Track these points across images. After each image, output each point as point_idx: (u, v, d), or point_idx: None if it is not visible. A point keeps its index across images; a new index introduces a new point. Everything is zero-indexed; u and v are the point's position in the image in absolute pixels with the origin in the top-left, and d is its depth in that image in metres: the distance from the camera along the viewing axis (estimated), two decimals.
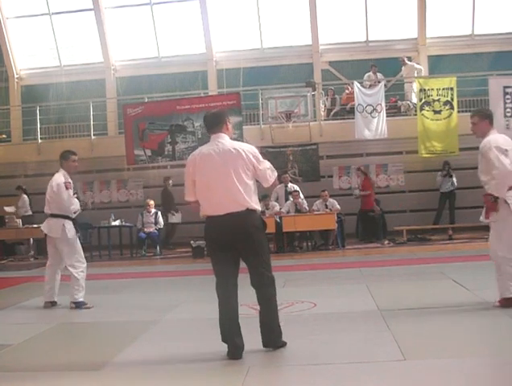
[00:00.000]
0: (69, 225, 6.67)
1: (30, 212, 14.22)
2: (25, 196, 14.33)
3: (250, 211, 4.19)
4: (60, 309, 6.75)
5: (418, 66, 15.61)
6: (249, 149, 4.25)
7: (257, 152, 4.27)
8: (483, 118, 5.52)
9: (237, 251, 4.22)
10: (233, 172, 4.14)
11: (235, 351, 4.15)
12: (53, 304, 6.80)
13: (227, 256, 4.22)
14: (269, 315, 4.26)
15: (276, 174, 4.37)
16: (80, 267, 6.58)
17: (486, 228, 5.95)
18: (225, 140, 4.28)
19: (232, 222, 4.12)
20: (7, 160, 15.75)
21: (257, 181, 4.34)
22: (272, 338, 4.28)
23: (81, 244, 7.02)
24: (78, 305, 6.55)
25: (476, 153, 5.71)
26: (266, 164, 4.30)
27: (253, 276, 4.26)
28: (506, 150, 5.27)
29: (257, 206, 4.25)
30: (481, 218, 5.53)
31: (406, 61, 15.51)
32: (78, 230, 6.84)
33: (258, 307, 4.32)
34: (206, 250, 12.05)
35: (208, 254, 4.56)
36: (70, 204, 6.62)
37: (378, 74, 15.56)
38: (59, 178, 6.70)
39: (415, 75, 15.29)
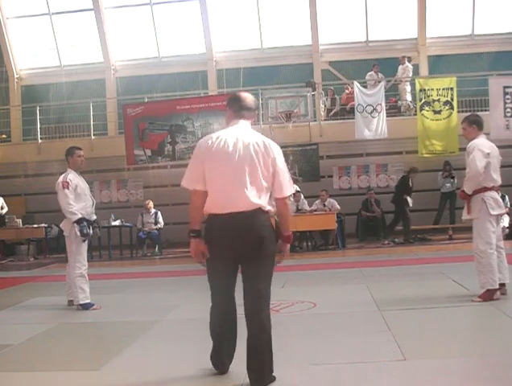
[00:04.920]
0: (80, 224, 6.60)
1: None
2: None
3: (263, 212, 3.55)
4: (60, 309, 6.74)
5: (410, 65, 15.59)
6: (276, 151, 3.65)
7: (282, 156, 3.69)
8: (470, 124, 6.04)
9: (238, 259, 3.57)
10: (253, 170, 3.53)
11: (226, 365, 3.82)
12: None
13: (228, 264, 3.60)
14: (261, 342, 3.53)
15: (293, 190, 3.81)
16: (79, 268, 6.54)
17: None
18: (251, 130, 3.72)
19: (242, 220, 3.48)
20: (7, 160, 15.76)
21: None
22: (262, 373, 3.53)
23: (89, 244, 6.99)
24: (85, 307, 6.52)
25: None
26: (287, 173, 3.72)
27: (250, 291, 3.57)
28: (488, 154, 5.81)
29: (270, 206, 3.64)
30: (463, 217, 6.11)
31: (406, 61, 15.51)
32: (88, 231, 6.61)
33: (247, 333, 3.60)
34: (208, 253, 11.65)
35: (208, 258, 3.65)
36: (65, 203, 6.51)
37: (380, 74, 15.57)
38: (60, 177, 6.68)
39: (410, 74, 15.32)
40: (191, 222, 3.62)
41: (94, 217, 6.91)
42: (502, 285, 5.89)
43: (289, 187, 3.65)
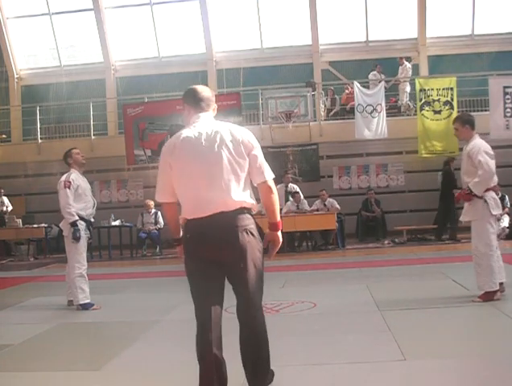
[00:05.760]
0: (80, 226, 6.59)
1: None
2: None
3: (245, 210, 3.20)
4: (60, 309, 6.75)
5: (409, 65, 15.60)
6: (246, 134, 3.25)
7: (255, 139, 3.28)
8: (463, 124, 5.93)
9: (222, 265, 3.20)
10: (225, 160, 3.14)
11: None
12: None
13: (212, 273, 3.19)
14: (255, 343, 3.29)
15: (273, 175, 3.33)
16: (79, 268, 6.56)
17: None
18: (213, 120, 3.35)
19: (221, 223, 3.12)
20: (7, 160, 15.76)
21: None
22: (261, 378, 3.33)
23: (89, 244, 7.01)
24: (85, 307, 6.52)
25: None
26: (263, 158, 3.28)
27: (239, 293, 3.26)
28: (492, 155, 5.78)
29: (252, 201, 3.25)
30: (462, 218, 6.05)
31: (405, 61, 15.52)
32: (80, 235, 6.55)
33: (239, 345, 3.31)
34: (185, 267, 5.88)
35: (187, 272, 3.30)
36: (64, 203, 6.52)
37: (382, 74, 15.58)
38: (63, 177, 6.70)
39: (408, 74, 15.33)
40: (170, 232, 3.47)
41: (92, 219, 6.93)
42: (500, 283, 5.90)
43: (270, 171, 3.26)
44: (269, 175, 3.25)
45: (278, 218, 3.34)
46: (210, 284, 3.21)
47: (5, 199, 14.22)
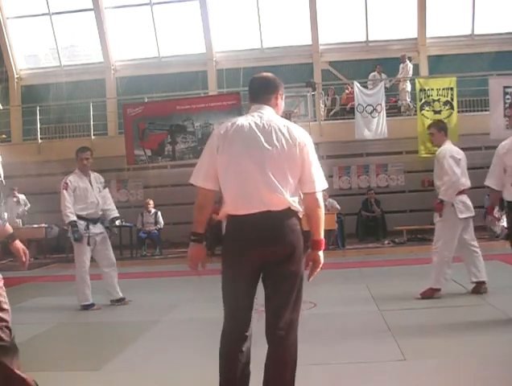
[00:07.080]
0: (79, 226, 6.59)
1: None
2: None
3: (293, 212, 2.95)
4: (60, 309, 6.75)
5: (410, 64, 15.60)
6: (304, 136, 3.00)
7: (312, 143, 3.03)
8: (439, 130, 6.23)
9: (261, 270, 2.96)
10: (277, 159, 2.89)
11: None
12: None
13: (250, 276, 2.94)
14: (283, 372, 3.12)
15: (327, 185, 3.15)
16: (79, 269, 6.60)
17: (484, 229, 6.17)
18: (271, 114, 3.06)
19: (268, 221, 2.86)
20: (7, 160, 15.73)
21: None
22: None
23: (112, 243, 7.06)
24: (85, 308, 6.55)
25: (476, 153, 6.17)
26: (319, 165, 3.10)
27: (275, 309, 2.99)
28: (459, 160, 6.01)
29: (300, 208, 3.01)
30: (435, 219, 6.26)
31: (407, 59, 15.50)
32: (80, 235, 6.53)
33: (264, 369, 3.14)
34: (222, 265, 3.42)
35: (223, 271, 3.01)
36: (62, 205, 6.53)
37: (382, 74, 15.57)
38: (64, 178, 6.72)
39: (409, 73, 15.32)
40: (193, 223, 3.06)
41: (113, 216, 6.91)
42: (482, 282, 6.08)
43: (322, 181, 3.05)
44: (319, 186, 3.02)
45: (322, 235, 3.07)
46: (248, 287, 2.95)
47: (21, 198, 14.23)
